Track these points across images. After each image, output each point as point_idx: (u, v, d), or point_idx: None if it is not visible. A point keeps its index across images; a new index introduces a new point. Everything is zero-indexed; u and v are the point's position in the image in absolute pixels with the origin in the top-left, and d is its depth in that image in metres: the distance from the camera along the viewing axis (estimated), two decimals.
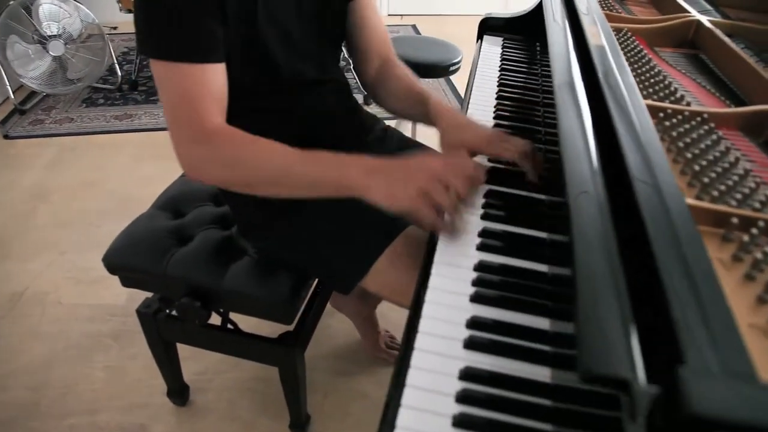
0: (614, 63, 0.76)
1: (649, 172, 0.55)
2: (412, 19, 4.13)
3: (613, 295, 0.44)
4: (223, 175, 0.82)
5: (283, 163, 0.78)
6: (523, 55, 1.36)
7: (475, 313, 0.64)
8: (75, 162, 2.38)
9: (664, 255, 0.45)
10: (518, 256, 0.73)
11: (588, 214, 0.56)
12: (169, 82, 0.79)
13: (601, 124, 0.67)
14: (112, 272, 1.09)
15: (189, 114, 0.78)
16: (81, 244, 1.92)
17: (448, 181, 0.71)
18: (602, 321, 0.42)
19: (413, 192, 0.71)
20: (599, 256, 0.50)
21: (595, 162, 0.64)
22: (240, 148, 0.80)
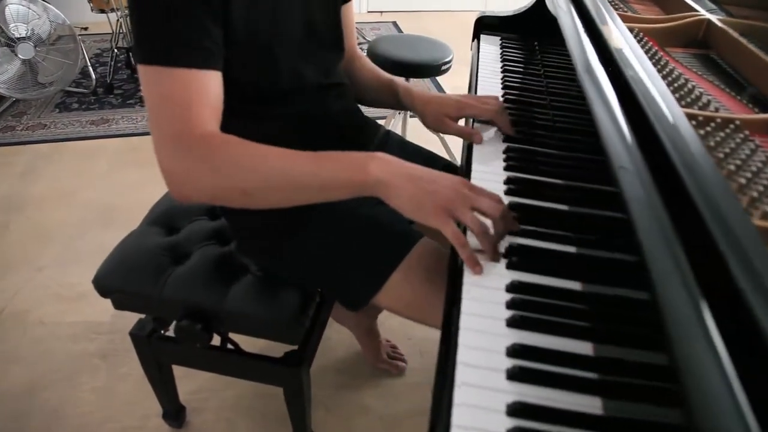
0: (644, 71, 0.72)
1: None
2: (391, 16, 4.09)
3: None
4: (215, 184, 0.72)
5: (285, 164, 0.71)
6: (523, 55, 1.33)
7: (515, 340, 0.60)
8: (50, 171, 2.28)
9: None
10: (550, 273, 0.69)
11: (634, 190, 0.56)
12: (158, 88, 0.71)
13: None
14: (104, 295, 1.03)
15: (177, 123, 0.71)
16: (61, 258, 1.84)
17: (475, 202, 0.68)
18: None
19: (440, 204, 0.67)
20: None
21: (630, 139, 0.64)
22: (234, 150, 0.72)
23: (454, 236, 0.67)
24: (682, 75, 0.86)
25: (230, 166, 0.71)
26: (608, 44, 0.81)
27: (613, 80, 0.75)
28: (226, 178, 0.72)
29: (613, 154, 0.62)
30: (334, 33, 0.97)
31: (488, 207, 0.68)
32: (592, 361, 0.59)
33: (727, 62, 0.97)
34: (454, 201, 0.67)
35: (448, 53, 1.82)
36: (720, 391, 0.38)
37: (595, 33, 0.91)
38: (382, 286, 0.88)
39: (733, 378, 0.38)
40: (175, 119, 0.71)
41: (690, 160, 0.56)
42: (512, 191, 0.83)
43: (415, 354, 1.53)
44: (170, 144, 0.71)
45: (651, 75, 0.72)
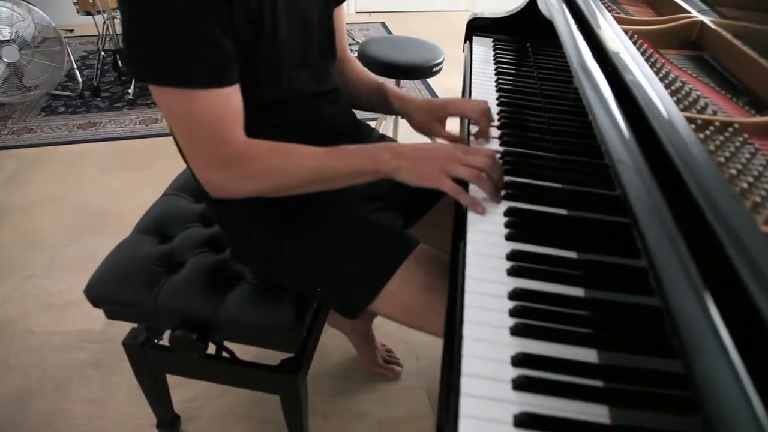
0: (645, 77, 0.72)
1: None
2: (380, 17, 4.07)
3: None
4: (255, 188, 0.82)
5: (315, 164, 0.81)
6: (516, 57, 1.33)
7: (520, 349, 0.60)
8: (37, 176, 2.25)
9: None
10: (552, 279, 0.69)
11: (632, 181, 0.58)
12: (184, 110, 0.74)
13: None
14: (96, 305, 1.01)
15: (214, 141, 0.77)
16: (49, 265, 1.81)
17: (464, 159, 0.78)
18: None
19: (436, 168, 0.78)
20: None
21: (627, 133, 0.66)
22: (269, 159, 0.80)
23: (451, 189, 0.78)
24: (678, 78, 0.86)
25: (267, 172, 0.81)
26: (606, 48, 0.81)
27: (614, 85, 0.74)
28: (264, 182, 0.81)
29: (614, 151, 0.61)
30: (327, 38, 0.96)
31: (478, 162, 0.78)
32: (597, 368, 0.59)
33: (721, 64, 0.97)
34: (448, 161, 0.78)
35: (439, 54, 1.81)
36: (734, 394, 0.38)
37: (591, 35, 0.91)
38: (378, 293, 0.88)
39: (744, 379, 0.38)
40: (207, 138, 0.76)
41: (693, 164, 0.55)
42: (510, 196, 0.83)
43: (411, 358, 1.52)
44: (204, 159, 0.79)
45: (650, 79, 0.72)
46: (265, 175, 0.81)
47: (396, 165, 0.79)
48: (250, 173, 0.80)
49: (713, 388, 0.39)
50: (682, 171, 0.54)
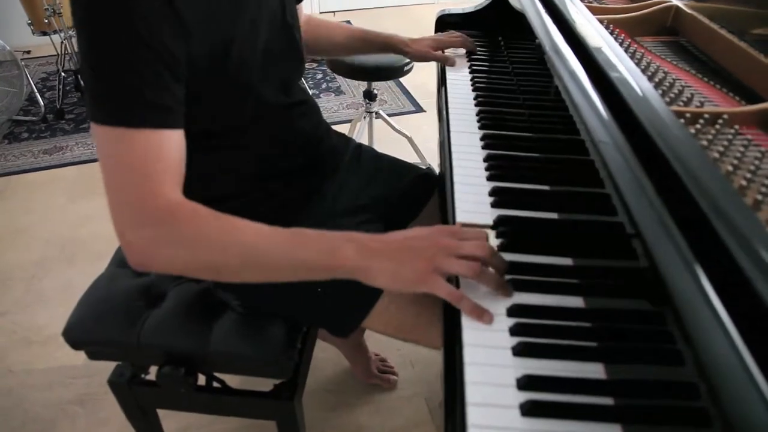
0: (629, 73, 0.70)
1: None
2: (344, 15, 4.02)
3: None
4: (183, 259, 0.66)
5: (259, 243, 0.65)
6: (489, 53, 1.30)
7: (524, 371, 0.57)
8: (3, 207, 2.17)
9: None
10: (549, 290, 0.66)
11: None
12: (115, 150, 0.64)
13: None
14: (76, 348, 0.96)
15: (140, 191, 0.64)
16: (23, 300, 1.74)
17: (456, 248, 0.62)
18: None
19: (423, 268, 0.61)
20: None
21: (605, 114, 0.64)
22: (204, 224, 0.66)
23: (448, 294, 0.62)
24: (660, 68, 0.84)
25: (199, 242, 0.65)
26: (587, 45, 0.78)
27: (598, 83, 0.72)
28: (194, 253, 0.66)
29: (613, 166, 0.59)
30: (291, 41, 0.90)
31: (473, 250, 0.63)
32: (606, 384, 0.57)
33: (698, 48, 0.96)
34: (435, 257, 0.61)
35: None
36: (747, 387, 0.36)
37: (569, 33, 0.88)
38: (368, 312, 0.85)
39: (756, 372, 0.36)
40: (135, 186, 0.64)
41: (687, 161, 0.53)
42: (498, 203, 0.80)
43: (405, 365, 1.50)
44: (129, 213, 0.65)
45: (635, 75, 0.69)
46: (194, 245, 0.65)
47: (364, 265, 0.63)
48: (176, 238, 0.65)
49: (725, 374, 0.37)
50: (681, 175, 0.52)
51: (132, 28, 0.61)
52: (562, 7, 0.94)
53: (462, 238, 0.64)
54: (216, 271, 0.68)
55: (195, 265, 0.67)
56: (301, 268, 0.65)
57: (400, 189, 1.02)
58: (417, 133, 2.39)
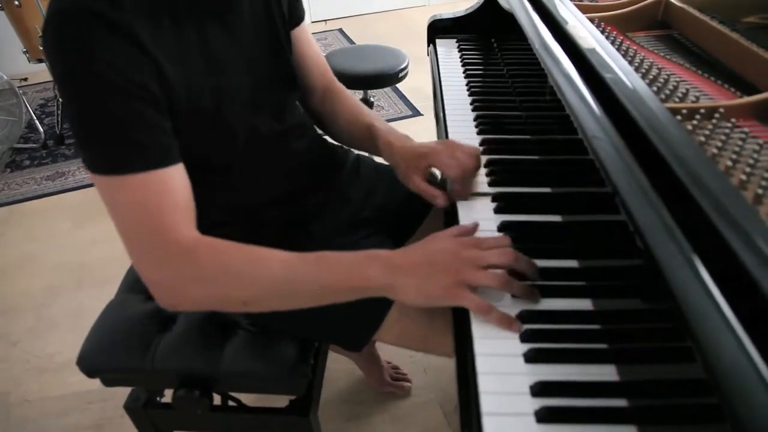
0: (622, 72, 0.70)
1: None
2: (336, 23, 4.03)
3: None
4: (212, 295, 0.67)
5: (287, 272, 0.66)
6: (483, 57, 1.31)
7: (537, 377, 0.57)
8: (9, 236, 2.18)
9: None
10: (558, 294, 0.66)
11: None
12: (122, 200, 0.64)
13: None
14: (91, 376, 0.97)
15: (155, 233, 0.64)
16: (35, 329, 1.75)
17: (480, 259, 0.63)
18: None
19: (449, 282, 0.62)
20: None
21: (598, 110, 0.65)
22: (228, 258, 0.66)
23: (477, 307, 0.62)
24: (653, 64, 0.85)
25: (226, 276, 0.66)
26: (579, 46, 0.78)
27: (591, 84, 0.72)
28: (221, 287, 0.66)
29: (612, 170, 0.59)
30: (283, 70, 0.89)
31: (497, 260, 0.63)
32: (619, 386, 0.57)
33: (690, 40, 0.96)
34: (460, 271, 0.62)
35: (403, 59, 1.79)
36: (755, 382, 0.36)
37: (561, 35, 0.89)
38: (379, 325, 0.85)
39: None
40: (149, 229, 0.64)
41: (683, 157, 0.53)
42: (501, 209, 0.80)
43: (419, 372, 1.50)
44: (149, 257, 0.66)
45: (628, 74, 0.70)
46: (221, 280, 0.66)
47: (390, 282, 0.64)
48: (201, 275, 0.65)
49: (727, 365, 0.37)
50: (679, 174, 0.52)
51: (103, 76, 0.60)
52: (552, 8, 0.94)
53: (485, 247, 0.64)
54: (244, 303, 0.68)
55: (226, 299, 0.68)
56: (328, 292, 0.66)
57: (402, 197, 1.02)
58: (416, 138, 2.39)
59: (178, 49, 0.68)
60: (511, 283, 0.63)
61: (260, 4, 0.81)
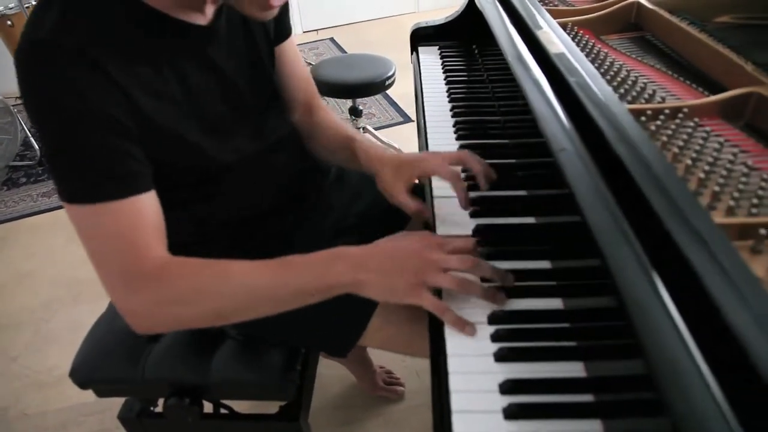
0: (586, 74, 0.72)
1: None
2: (328, 32, 4.07)
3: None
4: (186, 314, 0.68)
5: (251, 281, 0.67)
6: (464, 63, 1.33)
7: (506, 375, 0.59)
8: (7, 253, 2.20)
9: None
10: (529, 294, 0.68)
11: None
12: (95, 226, 0.65)
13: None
14: (84, 388, 0.99)
15: (126, 258, 0.65)
16: (33, 344, 1.77)
17: (443, 261, 0.65)
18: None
19: (410, 281, 0.64)
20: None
21: (567, 123, 0.67)
22: (197, 275, 0.67)
23: (433, 306, 0.65)
24: (623, 66, 0.87)
25: (198, 293, 0.67)
26: (547, 52, 0.80)
27: (558, 89, 0.74)
28: (193, 306, 0.67)
29: (567, 165, 0.61)
30: (263, 88, 0.89)
31: (457, 264, 0.65)
32: (585, 382, 0.58)
33: (662, 42, 0.98)
34: (422, 271, 0.64)
35: (390, 67, 1.81)
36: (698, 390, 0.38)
37: (528, 33, 0.90)
38: (362, 332, 0.87)
39: (706, 374, 0.38)
40: (121, 254, 0.65)
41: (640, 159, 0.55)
42: (476, 213, 0.82)
43: (411, 376, 1.51)
44: (122, 283, 0.66)
45: (593, 78, 0.71)
46: (193, 298, 0.67)
47: (356, 279, 0.66)
48: (175, 296, 0.66)
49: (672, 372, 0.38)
50: (635, 176, 0.54)
51: (73, 107, 0.61)
52: (523, 13, 0.96)
53: (449, 250, 0.67)
54: (222, 316, 0.70)
55: (200, 316, 0.69)
56: (299, 294, 0.68)
57: (386, 203, 1.04)
58: (407, 144, 2.42)
59: (153, 80, 0.69)
60: (470, 285, 0.65)
61: (239, 27, 0.81)
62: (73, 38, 0.60)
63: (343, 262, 0.66)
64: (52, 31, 0.60)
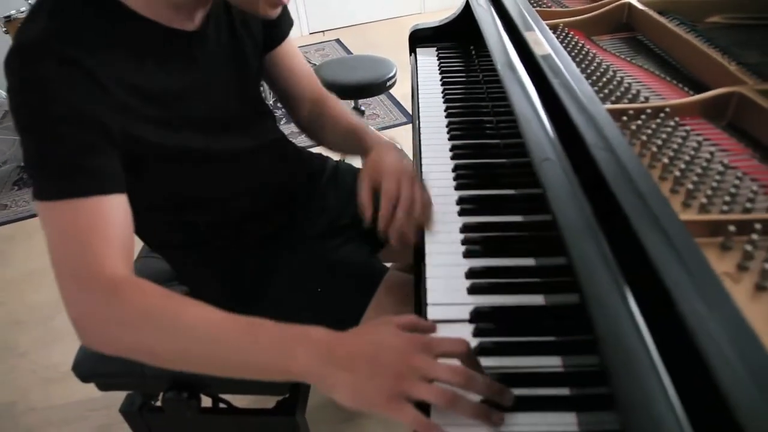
0: (567, 72, 0.73)
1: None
2: (334, 33, 4.09)
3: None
4: (128, 339, 0.61)
5: (209, 332, 0.58)
6: (461, 64, 1.34)
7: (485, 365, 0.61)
8: (17, 252, 2.24)
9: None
10: (510, 292, 0.70)
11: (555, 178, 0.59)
12: (52, 223, 0.62)
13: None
14: (86, 381, 1.02)
15: (77, 257, 0.61)
16: (41, 340, 1.80)
17: (428, 370, 0.53)
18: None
19: (387, 389, 0.52)
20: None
21: (552, 134, 0.67)
22: (150, 303, 0.60)
23: (417, 424, 0.52)
24: (610, 67, 0.88)
25: (141, 320, 0.59)
26: (532, 52, 0.82)
27: (542, 90, 0.76)
28: (134, 333, 0.60)
29: (538, 150, 0.62)
30: (250, 93, 0.92)
31: (447, 377, 0.54)
32: (563, 376, 0.60)
33: (653, 42, 0.99)
34: (403, 379, 0.52)
35: (391, 68, 1.83)
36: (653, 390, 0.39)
37: (517, 36, 0.92)
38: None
39: (664, 375, 0.40)
40: (76, 257, 0.61)
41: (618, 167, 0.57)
42: (465, 211, 0.84)
43: None
44: (72, 287, 0.61)
45: (577, 79, 0.73)
46: (139, 325, 0.60)
47: (320, 373, 0.54)
48: (121, 317, 0.60)
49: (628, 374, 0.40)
50: (606, 175, 0.55)
51: (51, 106, 0.61)
52: (513, 12, 0.98)
53: (437, 353, 0.55)
54: (156, 355, 0.61)
55: (139, 347, 0.61)
56: (246, 365, 0.58)
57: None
58: (410, 144, 2.43)
59: (138, 79, 0.70)
60: (459, 402, 0.53)
61: (226, 33, 0.83)
62: (57, 41, 0.62)
63: (312, 349, 0.55)
64: (38, 35, 0.62)
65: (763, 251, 0.52)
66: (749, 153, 0.66)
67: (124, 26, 0.68)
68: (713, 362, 0.36)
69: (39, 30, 0.62)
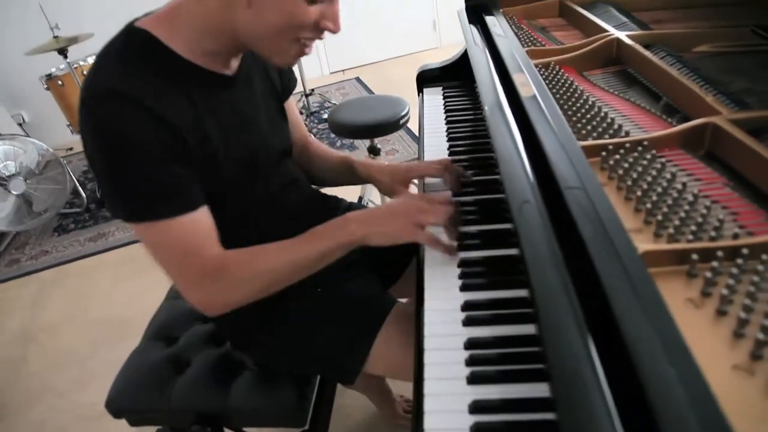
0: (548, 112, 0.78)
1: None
2: (354, 72, 4.22)
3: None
4: (244, 295, 0.85)
5: (289, 258, 0.84)
6: (465, 102, 1.40)
7: (476, 396, 0.64)
8: (57, 296, 2.37)
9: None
10: (504, 322, 0.74)
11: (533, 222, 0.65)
12: (164, 240, 0.78)
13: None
14: (117, 416, 1.08)
15: (190, 262, 0.79)
16: (79, 380, 1.89)
17: (429, 209, 0.86)
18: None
19: (406, 224, 0.85)
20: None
21: (531, 175, 0.72)
22: (249, 264, 0.83)
23: (428, 239, 0.86)
24: (596, 102, 0.92)
25: (250, 279, 0.83)
26: (517, 92, 0.87)
27: (522, 130, 0.81)
28: (251, 289, 0.84)
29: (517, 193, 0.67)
30: (279, 133, 1.01)
31: (444, 209, 0.86)
32: (550, 400, 0.63)
33: (641, 75, 1.03)
34: (417, 212, 0.85)
35: (404, 107, 1.90)
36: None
37: (506, 78, 0.97)
38: (365, 359, 0.93)
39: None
40: (186, 260, 0.79)
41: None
42: (465, 246, 0.88)
43: None
44: (189, 282, 0.81)
45: (557, 120, 0.78)
46: (247, 283, 0.83)
47: (364, 232, 0.84)
48: (231, 285, 0.82)
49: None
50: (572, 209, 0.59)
51: (133, 142, 0.72)
52: (504, 53, 1.04)
53: (435, 201, 0.87)
54: (270, 290, 0.86)
55: (254, 294, 0.85)
56: (326, 254, 0.86)
57: None
58: None
59: (193, 117, 0.80)
60: (451, 222, 0.88)
61: (258, 77, 0.95)
62: (128, 87, 0.72)
63: (354, 222, 0.85)
64: (110, 82, 0.72)
65: (725, 277, 0.55)
66: (722, 181, 0.69)
67: (175, 68, 0.79)
68: (649, 381, 0.39)
69: (108, 77, 0.73)
